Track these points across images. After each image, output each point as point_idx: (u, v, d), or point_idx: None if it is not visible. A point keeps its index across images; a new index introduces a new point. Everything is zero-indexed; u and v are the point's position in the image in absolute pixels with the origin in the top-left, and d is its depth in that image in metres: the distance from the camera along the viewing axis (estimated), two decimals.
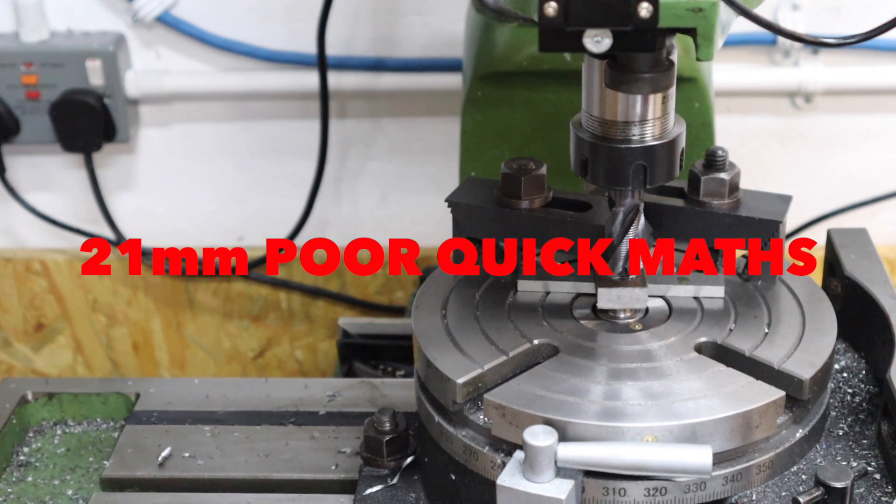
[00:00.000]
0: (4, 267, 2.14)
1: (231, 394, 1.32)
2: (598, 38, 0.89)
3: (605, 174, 1.06)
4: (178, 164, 2.09)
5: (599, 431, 0.97)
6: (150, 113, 2.04)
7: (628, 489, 0.97)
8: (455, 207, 1.18)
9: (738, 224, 1.13)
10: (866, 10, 1.88)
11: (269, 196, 2.10)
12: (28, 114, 1.96)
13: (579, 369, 1.05)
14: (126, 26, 1.97)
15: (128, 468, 1.21)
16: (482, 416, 1.03)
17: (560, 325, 1.12)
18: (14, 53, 1.93)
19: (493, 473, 1.01)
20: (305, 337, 2.21)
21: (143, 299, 2.18)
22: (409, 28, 1.96)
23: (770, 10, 1.90)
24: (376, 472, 1.14)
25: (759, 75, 1.95)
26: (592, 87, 1.05)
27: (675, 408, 0.99)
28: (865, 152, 2.03)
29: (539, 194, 1.15)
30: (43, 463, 1.26)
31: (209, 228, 2.14)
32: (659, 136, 1.05)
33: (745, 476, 1.01)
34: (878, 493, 1.07)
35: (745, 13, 0.90)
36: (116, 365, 2.24)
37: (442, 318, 1.12)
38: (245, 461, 1.21)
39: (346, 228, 2.13)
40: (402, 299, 2.15)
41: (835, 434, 1.13)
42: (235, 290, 2.16)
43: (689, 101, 1.48)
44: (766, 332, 1.09)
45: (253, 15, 1.96)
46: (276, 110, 2.03)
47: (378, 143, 2.06)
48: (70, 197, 2.11)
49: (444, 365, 1.05)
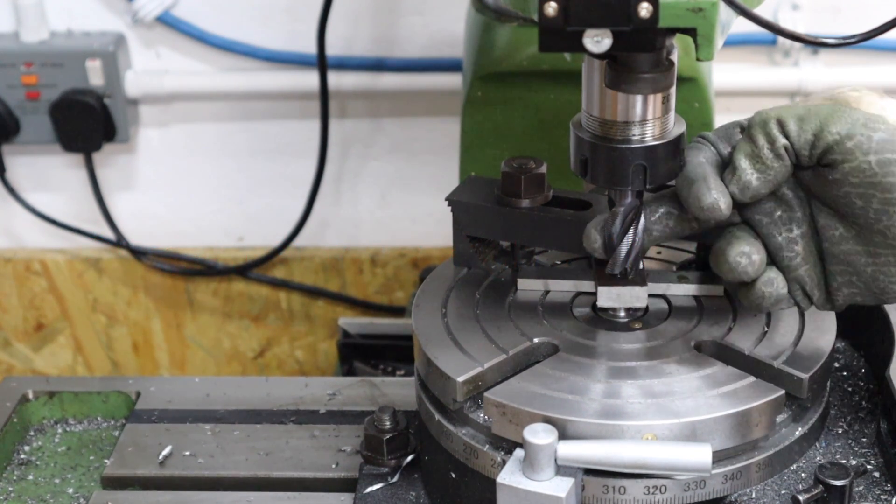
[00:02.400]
0: (4, 267, 2.15)
1: (231, 392, 1.32)
2: (598, 38, 0.89)
3: (605, 174, 1.06)
4: (178, 164, 2.09)
5: (599, 429, 0.98)
6: (150, 113, 2.04)
7: (628, 487, 0.98)
8: (455, 206, 1.18)
9: None
10: (866, 10, 1.88)
11: (269, 196, 2.11)
12: (28, 114, 1.96)
13: (579, 368, 1.05)
14: (126, 26, 1.97)
15: (128, 467, 1.21)
16: (482, 415, 1.04)
17: (560, 324, 1.12)
18: (14, 53, 1.93)
19: (494, 471, 1.01)
20: (305, 337, 2.21)
21: (143, 299, 2.18)
22: (409, 28, 1.96)
23: (770, 10, 1.90)
24: (376, 470, 1.14)
25: (759, 75, 1.96)
26: (592, 87, 1.05)
27: (674, 406, 0.99)
28: None
29: (539, 193, 1.16)
30: (44, 461, 1.26)
31: (209, 228, 2.15)
32: (659, 136, 1.05)
33: (744, 474, 1.01)
34: (877, 491, 1.07)
35: (745, 13, 0.90)
36: (116, 365, 2.24)
37: (442, 316, 1.13)
38: (245, 460, 1.21)
39: (346, 228, 2.13)
40: (402, 299, 2.15)
41: (834, 432, 1.14)
42: (235, 290, 2.16)
43: (689, 101, 1.48)
44: (766, 331, 1.09)
45: (253, 15, 1.97)
46: (276, 110, 2.03)
47: (378, 143, 2.06)
48: (70, 197, 2.11)
49: (444, 363, 1.05)
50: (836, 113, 0.97)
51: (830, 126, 0.97)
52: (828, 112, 0.97)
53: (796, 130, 0.98)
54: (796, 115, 0.98)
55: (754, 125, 1.00)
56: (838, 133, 0.96)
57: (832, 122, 0.97)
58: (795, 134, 0.98)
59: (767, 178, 0.99)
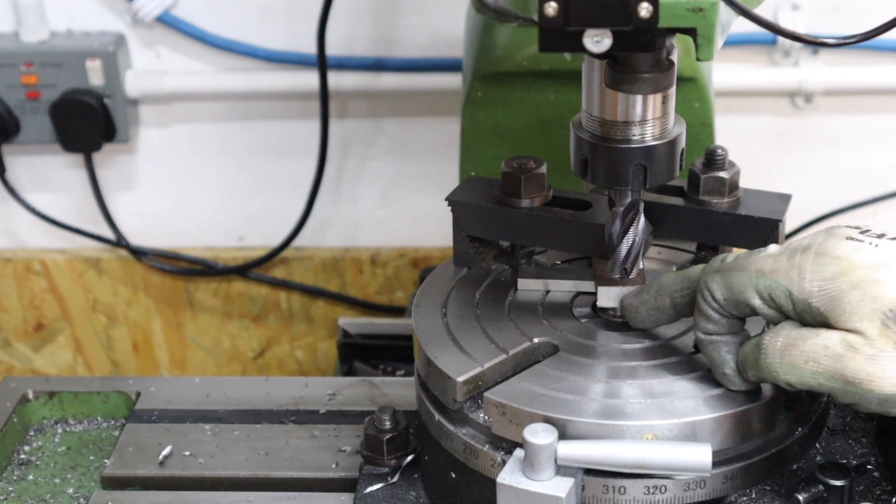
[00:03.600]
0: (4, 267, 2.15)
1: (231, 392, 1.32)
2: (598, 38, 0.89)
3: (605, 174, 1.06)
4: (178, 164, 2.09)
5: (599, 429, 0.98)
6: (150, 113, 2.04)
7: (628, 487, 0.98)
8: (455, 206, 1.18)
9: (737, 223, 1.13)
10: (866, 10, 1.88)
11: (269, 196, 2.11)
12: (28, 114, 1.97)
13: (579, 367, 1.05)
14: (126, 26, 1.97)
15: (128, 467, 1.21)
16: (482, 415, 1.04)
17: (560, 324, 1.12)
18: (14, 53, 1.93)
19: (494, 472, 1.01)
20: (305, 337, 2.21)
21: (143, 299, 2.18)
22: (409, 28, 1.96)
23: (770, 10, 1.90)
24: (376, 470, 1.14)
25: (759, 75, 1.96)
26: (592, 87, 1.05)
27: (674, 406, 0.99)
28: (865, 152, 2.03)
29: (539, 193, 1.16)
30: (44, 461, 1.26)
31: (209, 228, 2.15)
32: (659, 136, 1.05)
33: (744, 474, 1.01)
34: (877, 490, 1.07)
35: (745, 13, 0.90)
36: (116, 365, 2.24)
37: (442, 316, 1.13)
38: (245, 460, 1.21)
39: (346, 228, 2.13)
40: (402, 299, 2.15)
41: (834, 432, 1.14)
42: (235, 290, 2.16)
43: (689, 101, 1.48)
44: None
45: (253, 15, 1.97)
46: (276, 110, 2.03)
47: (378, 143, 2.06)
48: (70, 197, 2.11)
49: (444, 363, 1.05)
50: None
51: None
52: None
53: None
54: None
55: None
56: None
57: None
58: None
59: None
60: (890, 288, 0.92)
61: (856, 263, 0.93)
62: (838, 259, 0.94)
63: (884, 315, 0.91)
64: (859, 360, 0.91)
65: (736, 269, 0.98)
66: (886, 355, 0.90)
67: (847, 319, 0.92)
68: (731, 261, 0.99)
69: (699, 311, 1.00)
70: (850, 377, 0.91)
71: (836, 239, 0.96)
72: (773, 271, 0.96)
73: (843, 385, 0.92)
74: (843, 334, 0.92)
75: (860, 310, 0.91)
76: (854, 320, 0.91)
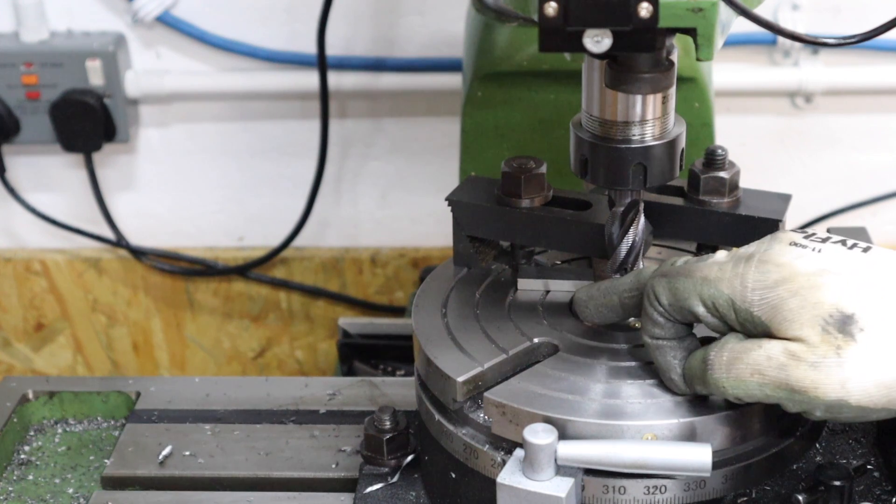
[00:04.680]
0: (4, 267, 2.15)
1: (231, 392, 1.32)
2: (598, 38, 0.89)
3: (605, 174, 1.06)
4: (178, 164, 2.09)
5: (599, 429, 0.98)
6: (150, 113, 2.04)
7: (628, 487, 0.98)
8: (455, 206, 1.18)
9: (737, 223, 1.13)
10: (866, 10, 1.88)
11: (269, 196, 2.11)
12: (28, 114, 1.97)
13: (579, 367, 1.05)
14: (126, 26, 1.97)
15: (128, 467, 1.21)
16: (482, 415, 1.03)
17: (560, 324, 1.12)
18: (14, 53, 1.93)
19: (494, 472, 1.01)
20: (305, 337, 2.21)
21: (143, 299, 2.18)
22: (409, 28, 1.96)
23: (770, 10, 1.90)
24: (376, 470, 1.14)
25: (759, 75, 1.96)
26: (592, 87, 1.05)
27: (674, 406, 0.99)
28: (865, 152, 2.03)
29: (539, 193, 1.16)
30: (44, 461, 1.26)
31: (209, 228, 2.15)
32: (659, 136, 1.05)
33: (744, 474, 1.01)
34: (877, 490, 1.07)
35: (745, 13, 0.90)
36: (116, 365, 2.24)
37: (442, 316, 1.13)
38: (245, 460, 1.21)
39: (346, 228, 2.13)
40: (402, 299, 2.15)
41: (834, 432, 1.14)
42: (235, 290, 2.16)
43: (689, 101, 1.48)
44: None
45: (253, 15, 1.97)
46: (276, 110, 2.03)
47: (378, 143, 2.06)
48: (70, 197, 2.11)
49: (444, 363, 1.05)
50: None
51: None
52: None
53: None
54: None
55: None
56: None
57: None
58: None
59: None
60: (830, 293, 0.91)
61: (797, 270, 0.92)
62: (780, 266, 0.93)
63: (824, 321, 0.90)
64: (802, 368, 0.90)
65: (683, 274, 0.97)
66: (829, 361, 0.89)
67: (788, 328, 0.91)
68: (680, 265, 0.98)
69: (645, 313, 1.00)
70: (795, 386, 0.90)
71: (780, 245, 0.95)
72: (717, 279, 0.95)
73: (789, 394, 0.91)
74: (786, 343, 0.91)
75: (800, 317, 0.90)
76: (795, 328, 0.91)
